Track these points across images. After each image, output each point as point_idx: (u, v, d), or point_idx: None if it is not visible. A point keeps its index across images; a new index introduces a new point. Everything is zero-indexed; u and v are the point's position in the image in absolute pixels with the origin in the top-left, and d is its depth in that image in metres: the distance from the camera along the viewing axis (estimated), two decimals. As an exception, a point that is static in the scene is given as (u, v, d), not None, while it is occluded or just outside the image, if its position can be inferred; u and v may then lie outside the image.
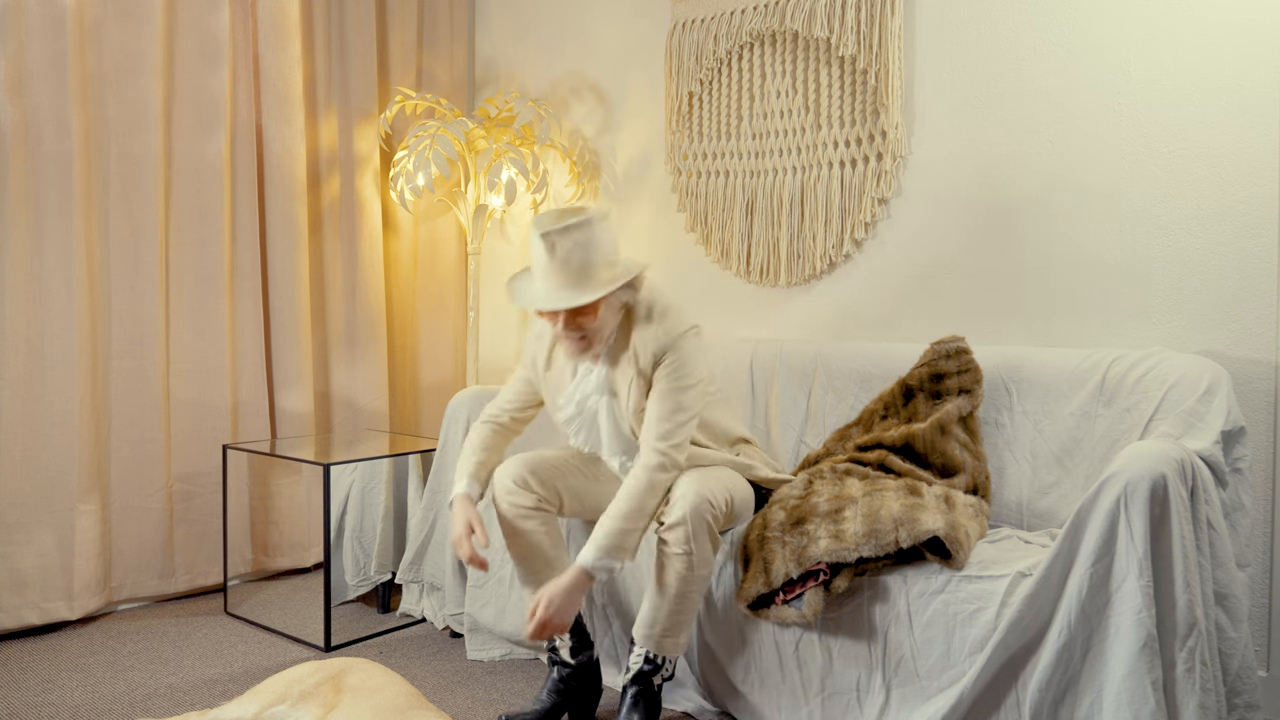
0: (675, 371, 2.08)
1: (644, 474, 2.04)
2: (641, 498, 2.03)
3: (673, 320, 2.10)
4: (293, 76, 3.35)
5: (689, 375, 2.09)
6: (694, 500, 2.02)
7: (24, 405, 2.78)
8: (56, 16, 2.80)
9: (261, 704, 1.97)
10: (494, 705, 2.35)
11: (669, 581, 2.05)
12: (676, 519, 2.02)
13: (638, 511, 2.03)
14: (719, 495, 2.08)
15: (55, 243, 2.82)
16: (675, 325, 2.10)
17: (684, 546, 2.02)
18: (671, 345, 2.08)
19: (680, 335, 2.09)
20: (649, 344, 2.09)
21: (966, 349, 2.46)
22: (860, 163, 2.86)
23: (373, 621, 2.96)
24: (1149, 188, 2.44)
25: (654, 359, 2.09)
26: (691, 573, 2.04)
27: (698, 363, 2.11)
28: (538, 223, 2.04)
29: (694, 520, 2.01)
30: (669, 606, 2.06)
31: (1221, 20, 2.33)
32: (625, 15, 3.42)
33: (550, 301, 2.02)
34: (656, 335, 2.09)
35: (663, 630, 2.08)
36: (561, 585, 2.00)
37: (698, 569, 2.04)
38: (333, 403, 3.56)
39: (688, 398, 2.08)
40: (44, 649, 2.69)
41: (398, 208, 3.70)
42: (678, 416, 2.07)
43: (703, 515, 2.02)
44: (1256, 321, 2.30)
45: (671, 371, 2.08)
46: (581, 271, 2.01)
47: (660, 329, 2.09)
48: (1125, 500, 1.70)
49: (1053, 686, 1.78)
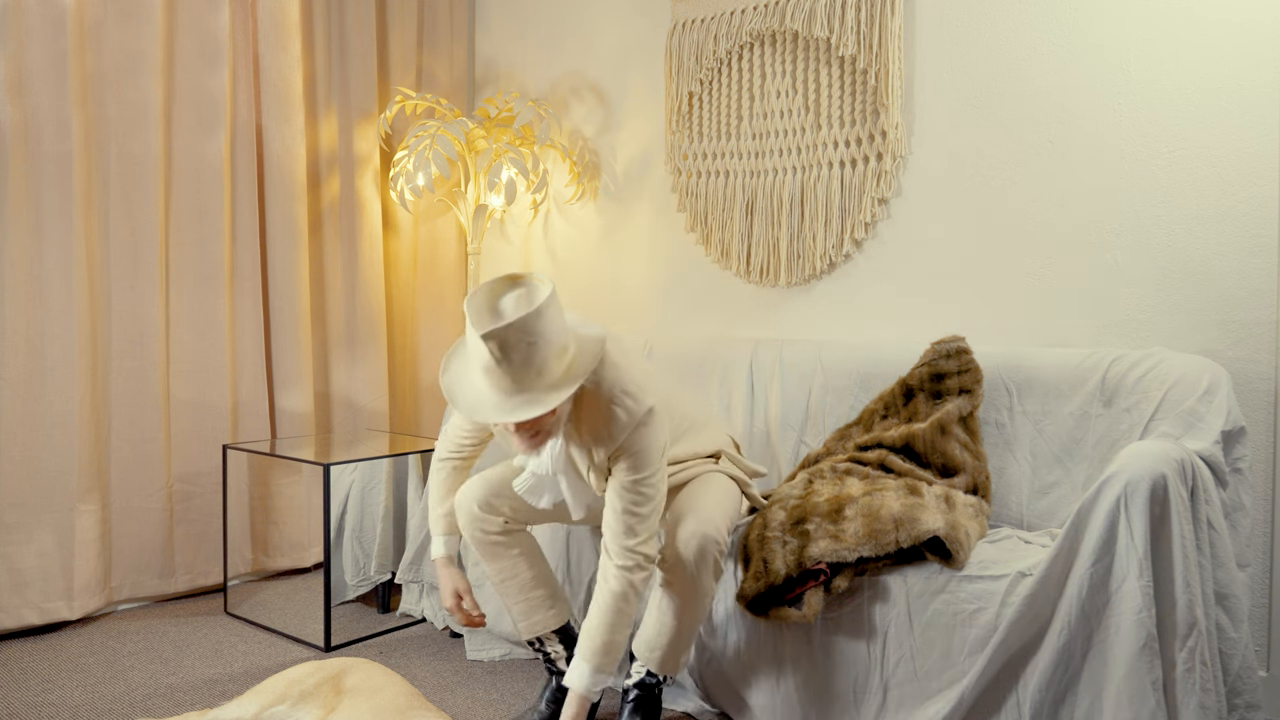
0: (634, 464, 1.90)
1: (618, 581, 1.90)
2: (620, 606, 1.90)
3: (626, 407, 1.89)
4: (293, 76, 3.35)
5: (648, 464, 1.91)
6: (698, 542, 1.96)
7: (24, 405, 2.78)
8: (56, 16, 2.80)
9: (261, 704, 1.97)
10: (494, 705, 2.35)
11: (668, 611, 2.02)
12: (676, 559, 1.97)
13: (620, 621, 1.92)
14: (722, 525, 2.02)
15: (55, 243, 2.82)
16: (631, 414, 1.89)
17: (684, 585, 1.98)
18: (628, 438, 1.89)
19: (636, 427, 1.89)
20: (601, 433, 1.90)
21: (966, 349, 2.46)
22: (860, 163, 2.86)
23: (373, 621, 2.96)
24: (1149, 188, 2.44)
25: (607, 449, 1.91)
26: (692, 605, 2.01)
27: (656, 448, 1.92)
28: (475, 313, 1.75)
29: (698, 563, 1.97)
30: (670, 632, 2.04)
31: (1221, 20, 2.33)
32: (625, 15, 3.42)
33: (501, 413, 1.76)
34: (611, 431, 1.89)
35: (664, 654, 2.06)
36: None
37: (701, 600, 2.02)
38: (333, 403, 3.56)
39: (649, 488, 1.91)
40: (44, 649, 2.69)
41: (398, 208, 3.70)
42: (641, 510, 1.91)
43: (707, 554, 1.97)
44: (1256, 321, 2.30)
45: (630, 465, 1.90)
46: (533, 371, 1.75)
47: (611, 418, 1.88)
48: (1125, 500, 1.70)
49: (1053, 686, 1.78)
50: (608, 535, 1.94)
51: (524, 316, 1.72)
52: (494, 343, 1.72)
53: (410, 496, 3.05)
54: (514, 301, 1.78)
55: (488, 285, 1.81)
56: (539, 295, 1.78)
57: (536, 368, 1.75)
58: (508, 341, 1.72)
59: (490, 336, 1.71)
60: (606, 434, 1.89)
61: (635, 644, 2.10)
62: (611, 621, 1.91)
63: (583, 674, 1.91)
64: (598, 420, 1.90)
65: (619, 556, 1.91)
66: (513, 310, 1.76)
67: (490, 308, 1.78)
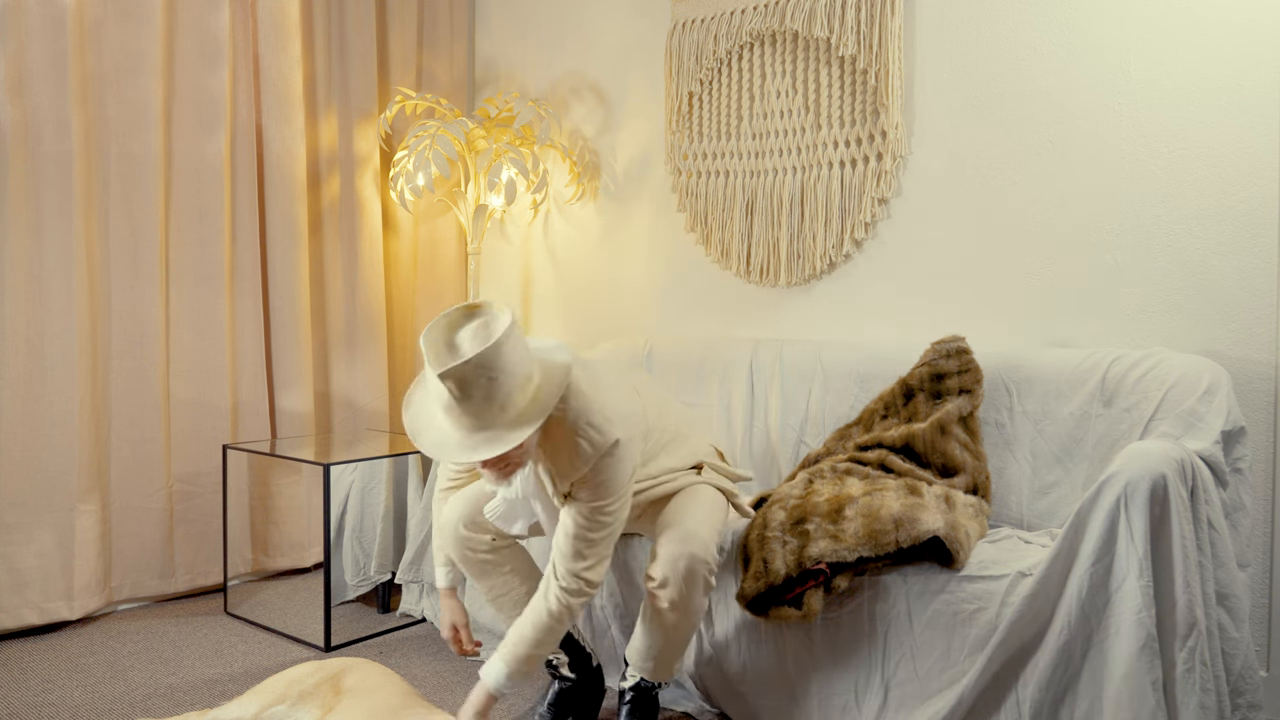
0: (595, 493, 1.86)
1: (557, 603, 1.88)
2: (552, 625, 1.89)
3: (591, 439, 1.84)
4: (293, 76, 3.35)
5: (610, 493, 1.87)
6: (686, 563, 1.94)
7: (24, 405, 2.78)
8: (56, 16, 2.80)
9: (261, 704, 1.97)
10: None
11: (658, 626, 2.01)
12: (664, 579, 1.95)
13: (549, 639, 1.90)
14: (710, 542, 2.00)
15: (55, 243, 2.82)
16: (595, 447, 1.84)
17: (674, 604, 1.96)
18: (589, 469, 1.85)
19: (601, 459, 1.84)
20: (564, 461, 1.86)
21: (967, 349, 2.46)
22: (860, 163, 2.86)
23: (373, 621, 2.96)
24: (1149, 188, 2.44)
25: (569, 478, 1.87)
26: (683, 623, 2.00)
27: (621, 479, 1.88)
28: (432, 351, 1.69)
29: (687, 583, 1.95)
30: (660, 645, 2.04)
31: (1221, 20, 2.33)
32: (625, 15, 3.42)
33: (464, 452, 1.71)
34: (575, 463, 1.84)
35: (656, 664, 2.06)
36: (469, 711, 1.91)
37: (691, 617, 2.01)
38: (333, 403, 3.56)
39: (608, 516, 1.88)
40: (44, 649, 2.69)
41: (398, 208, 3.70)
42: (594, 534, 1.88)
43: (696, 575, 1.95)
44: (1256, 321, 2.30)
45: (591, 493, 1.87)
46: (496, 406, 1.69)
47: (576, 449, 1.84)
48: (1125, 500, 1.70)
49: (1053, 686, 1.78)
50: (556, 555, 1.90)
51: (481, 353, 1.66)
52: (451, 381, 1.66)
53: (410, 496, 3.05)
54: (471, 334, 1.72)
55: (444, 318, 1.74)
56: (497, 327, 1.71)
57: (499, 403, 1.70)
58: (466, 379, 1.66)
59: (448, 375, 1.66)
60: (569, 465, 1.85)
61: (628, 652, 2.10)
62: (540, 639, 1.90)
63: (498, 674, 1.91)
64: (561, 450, 1.85)
65: (564, 579, 1.88)
66: (470, 345, 1.70)
67: (447, 343, 1.72)
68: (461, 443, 1.71)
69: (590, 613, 2.47)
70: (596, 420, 1.84)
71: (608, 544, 1.91)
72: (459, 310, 1.76)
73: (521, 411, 1.73)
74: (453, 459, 1.72)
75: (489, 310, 1.76)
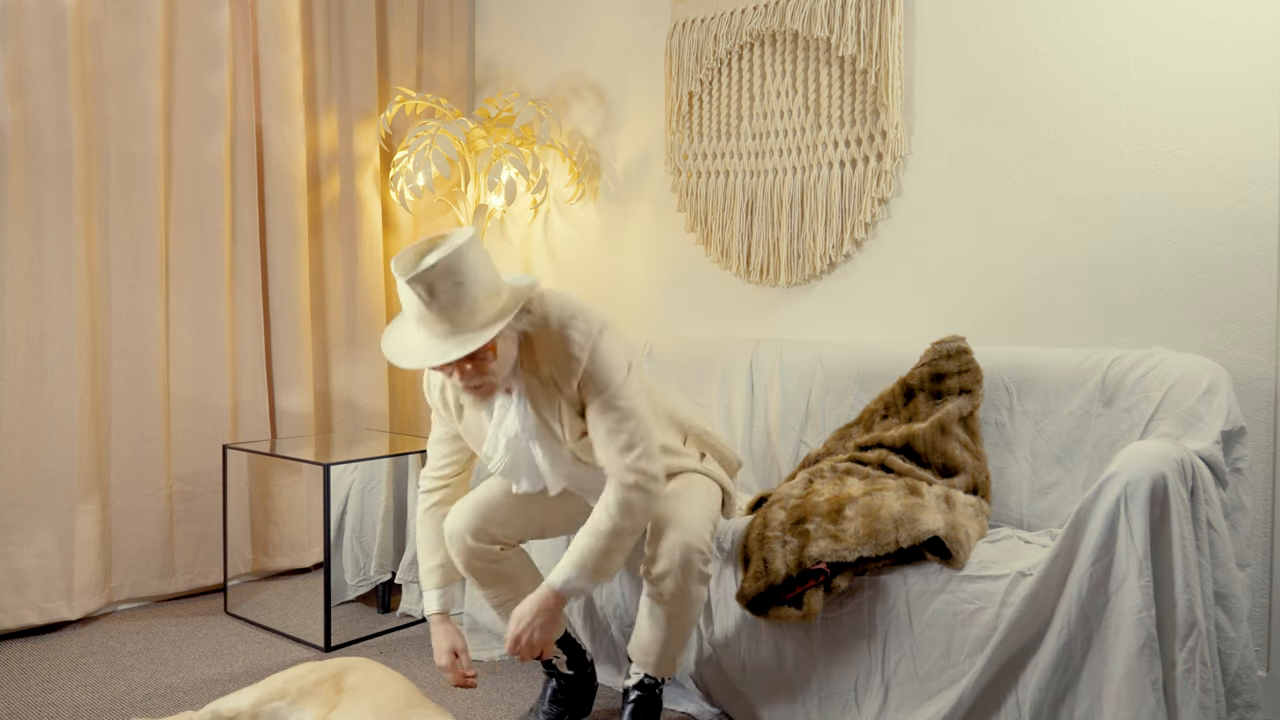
0: (600, 380, 1.89)
1: (619, 494, 1.88)
2: (619, 519, 1.88)
3: (579, 328, 1.89)
4: (293, 76, 3.35)
5: (614, 376, 1.90)
6: (682, 552, 1.94)
7: (24, 405, 2.78)
8: (56, 16, 2.80)
9: (260, 695, 1.97)
10: (494, 705, 2.36)
11: (660, 618, 2.01)
12: (663, 571, 1.95)
13: (616, 532, 1.88)
14: (704, 532, 2.00)
15: (55, 243, 2.82)
16: (583, 334, 1.89)
17: (673, 595, 1.97)
18: (588, 357, 1.88)
19: (594, 343, 1.89)
20: (562, 363, 1.89)
21: (967, 349, 2.46)
22: (860, 163, 2.86)
23: (373, 621, 2.96)
24: (1149, 188, 2.44)
25: (573, 377, 1.90)
26: (683, 614, 2.00)
27: (619, 360, 1.92)
28: (399, 265, 1.78)
29: (684, 572, 1.95)
30: (663, 638, 2.03)
31: (1221, 20, 2.33)
32: (625, 15, 3.42)
33: (437, 355, 1.77)
34: (567, 351, 1.88)
35: (659, 658, 2.05)
36: (530, 606, 1.90)
37: (691, 607, 2.00)
38: (333, 403, 3.56)
39: (626, 400, 1.90)
40: (44, 649, 2.69)
41: (398, 208, 3.70)
42: (628, 425, 1.89)
43: (691, 565, 1.95)
44: (1256, 321, 2.30)
45: (597, 383, 1.89)
46: (465, 311, 1.77)
47: (568, 343, 1.88)
48: (1125, 500, 1.70)
49: (1053, 686, 1.78)
50: (607, 467, 1.92)
51: (445, 256, 1.75)
52: (420, 285, 1.74)
53: (410, 496, 3.05)
54: (436, 253, 1.80)
55: (412, 245, 1.83)
56: (460, 236, 1.81)
57: (468, 307, 1.77)
58: (433, 284, 1.74)
59: (416, 280, 1.74)
60: (566, 360, 1.89)
61: (630, 649, 2.10)
62: (606, 529, 1.88)
63: (561, 572, 1.89)
64: (555, 352, 1.89)
65: (622, 475, 1.88)
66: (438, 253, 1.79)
67: (414, 256, 1.80)
68: (435, 348, 1.77)
69: (590, 612, 2.47)
70: (578, 311, 1.91)
71: (643, 430, 1.91)
72: (425, 239, 1.84)
73: (491, 316, 1.79)
74: (427, 363, 1.78)
75: (451, 234, 1.84)
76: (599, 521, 1.90)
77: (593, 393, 1.90)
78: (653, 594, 2.00)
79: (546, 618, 1.91)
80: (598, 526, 1.89)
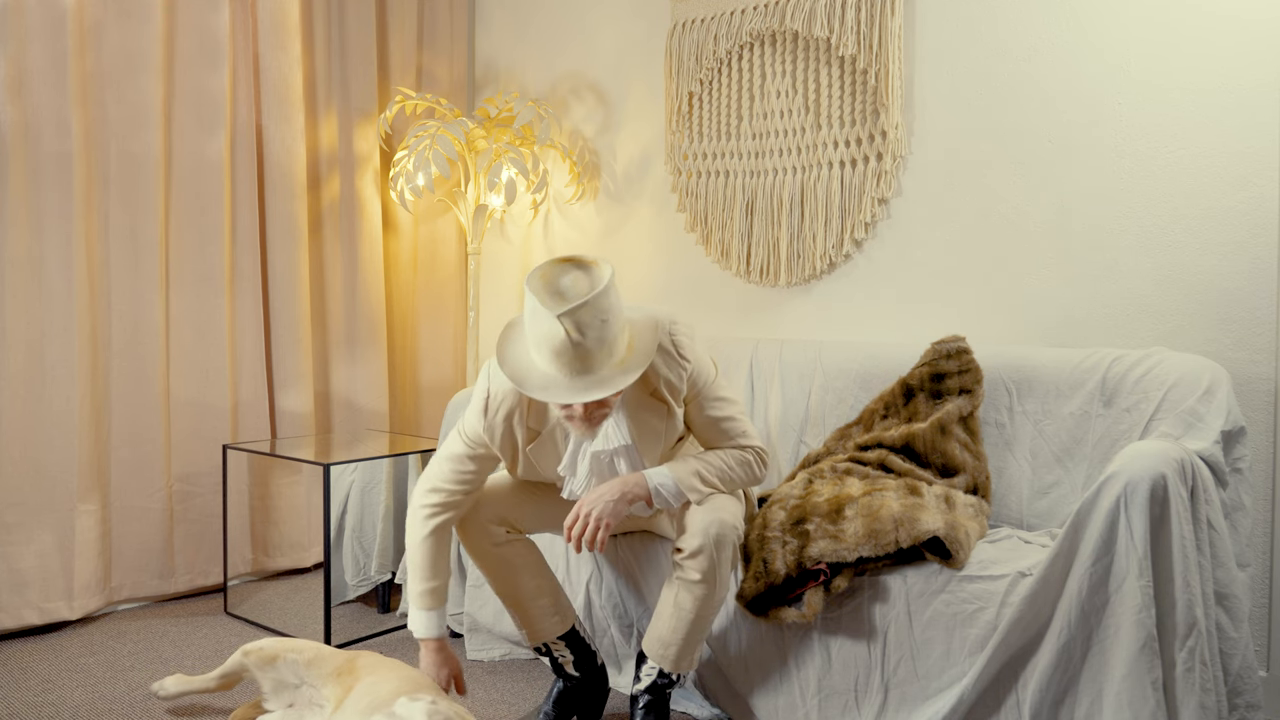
0: (699, 381, 2.00)
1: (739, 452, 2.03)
2: (729, 460, 2.01)
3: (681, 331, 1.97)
4: (293, 76, 3.35)
5: (710, 375, 2.04)
6: (718, 529, 1.94)
7: (24, 405, 2.78)
8: (56, 16, 2.80)
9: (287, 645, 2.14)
10: (494, 705, 2.35)
11: (685, 605, 1.99)
12: (697, 547, 1.94)
13: (721, 468, 2.00)
14: (737, 521, 2.02)
15: (55, 243, 2.82)
16: (686, 335, 1.97)
17: (705, 574, 1.95)
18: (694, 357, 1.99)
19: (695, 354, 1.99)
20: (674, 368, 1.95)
21: (967, 349, 2.46)
22: (860, 163, 2.86)
23: (373, 621, 2.96)
24: (1149, 188, 2.44)
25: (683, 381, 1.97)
26: (711, 597, 1.99)
27: (705, 359, 2.05)
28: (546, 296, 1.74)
29: (718, 548, 1.94)
30: (685, 629, 2.01)
31: (1221, 20, 2.33)
32: (625, 15, 3.42)
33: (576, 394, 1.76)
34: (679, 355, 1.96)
35: (678, 651, 2.03)
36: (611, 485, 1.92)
37: (718, 592, 2.00)
38: (333, 403, 3.56)
39: (722, 392, 2.05)
40: (44, 649, 2.69)
41: (398, 208, 3.70)
42: (728, 411, 2.04)
43: (727, 540, 1.96)
44: (1256, 321, 2.30)
45: (700, 385, 2.01)
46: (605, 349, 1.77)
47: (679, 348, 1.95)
48: (1125, 500, 1.70)
49: (1053, 686, 1.78)
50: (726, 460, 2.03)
51: (597, 294, 1.72)
52: (569, 321, 1.71)
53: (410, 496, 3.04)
54: (573, 282, 1.78)
55: (544, 267, 1.80)
56: (602, 274, 1.79)
57: (609, 346, 1.77)
58: (583, 320, 1.72)
59: (567, 316, 1.71)
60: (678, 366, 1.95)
61: (646, 643, 2.07)
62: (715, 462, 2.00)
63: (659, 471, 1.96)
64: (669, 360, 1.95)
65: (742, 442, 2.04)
66: (574, 289, 1.76)
67: (551, 289, 1.77)
68: (571, 385, 1.76)
69: (590, 612, 2.47)
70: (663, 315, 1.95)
71: (744, 417, 2.06)
72: (555, 260, 1.81)
73: (624, 357, 1.81)
74: (562, 400, 1.77)
75: (584, 261, 1.82)
76: (709, 454, 2.00)
77: (699, 397, 2.01)
78: (682, 574, 1.98)
79: (623, 504, 1.92)
80: (706, 456, 1.99)
